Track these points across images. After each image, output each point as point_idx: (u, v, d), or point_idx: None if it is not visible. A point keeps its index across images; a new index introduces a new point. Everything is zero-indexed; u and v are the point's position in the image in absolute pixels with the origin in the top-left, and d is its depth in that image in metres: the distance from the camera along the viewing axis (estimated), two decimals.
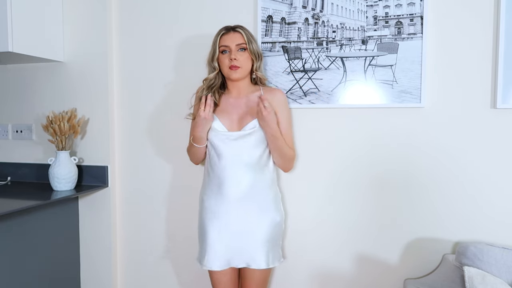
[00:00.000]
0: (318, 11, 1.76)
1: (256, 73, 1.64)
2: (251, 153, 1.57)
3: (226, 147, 1.57)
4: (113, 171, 2.04)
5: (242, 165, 1.56)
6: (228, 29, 1.60)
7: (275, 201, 1.65)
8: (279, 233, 1.66)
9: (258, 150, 1.59)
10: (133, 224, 2.06)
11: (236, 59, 1.55)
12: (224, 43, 1.57)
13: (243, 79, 1.63)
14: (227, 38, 1.58)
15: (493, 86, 1.59)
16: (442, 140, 1.66)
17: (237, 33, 1.58)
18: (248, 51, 1.58)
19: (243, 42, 1.57)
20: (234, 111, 1.61)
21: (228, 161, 1.56)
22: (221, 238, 1.58)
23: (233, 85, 1.65)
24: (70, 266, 2.04)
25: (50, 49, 1.96)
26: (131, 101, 2.02)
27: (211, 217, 1.59)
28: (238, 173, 1.56)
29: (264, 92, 1.64)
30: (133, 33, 2.00)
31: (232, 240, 1.57)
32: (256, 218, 1.58)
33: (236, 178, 1.56)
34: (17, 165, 2.14)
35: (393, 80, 1.68)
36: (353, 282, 1.79)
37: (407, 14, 1.66)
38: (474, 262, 1.44)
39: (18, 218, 1.74)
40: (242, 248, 1.57)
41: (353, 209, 1.77)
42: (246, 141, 1.57)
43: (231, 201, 1.56)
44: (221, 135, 1.58)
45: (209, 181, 1.63)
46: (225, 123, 1.60)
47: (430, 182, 1.68)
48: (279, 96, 1.65)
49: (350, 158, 1.76)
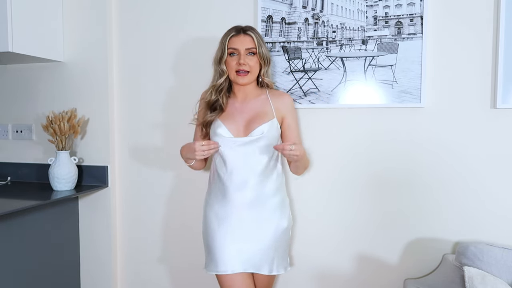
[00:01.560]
0: (318, 11, 1.76)
1: (263, 78, 1.60)
2: (259, 159, 1.53)
3: (232, 153, 1.53)
4: (113, 171, 2.04)
5: (249, 171, 1.53)
6: (239, 30, 1.54)
7: (281, 206, 1.59)
8: (285, 240, 1.60)
9: (266, 156, 1.54)
10: (133, 224, 2.06)
11: (244, 64, 1.51)
12: (234, 46, 1.52)
13: (250, 84, 1.59)
14: (236, 40, 1.52)
15: (493, 86, 1.59)
16: (442, 140, 1.66)
17: (247, 36, 1.53)
18: (258, 56, 1.54)
19: (253, 47, 1.52)
20: (240, 117, 1.57)
21: (235, 167, 1.53)
22: (230, 241, 1.52)
23: (239, 89, 1.61)
24: (70, 266, 2.04)
25: (50, 49, 1.96)
26: (131, 101, 2.02)
27: (217, 223, 1.54)
28: (245, 179, 1.52)
29: (271, 95, 1.60)
30: (133, 33, 2.00)
31: (240, 243, 1.52)
32: (260, 224, 1.53)
33: (242, 184, 1.52)
34: (17, 165, 2.14)
35: (393, 80, 1.68)
36: (353, 282, 1.79)
37: (407, 14, 1.66)
38: (474, 262, 1.44)
39: (18, 218, 1.74)
40: (249, 253, 1.53)
41: (353, 209, 1.77)
42: (253, 147, 1.53)
43: (237, 206, 1.52)
44: (227, 141, 1.54)
45: (215, 186, 1.59)
46: (231, 128, 1.55)
47: (430, 182, 1.68)
48: (286, 100, 1.61)
49: (350, 158, 1.76)
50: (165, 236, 2.02)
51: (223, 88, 1.59)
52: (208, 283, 1.85)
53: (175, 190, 1.99)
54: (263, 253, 1.53)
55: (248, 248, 1.52)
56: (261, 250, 1.53)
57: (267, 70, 1.60)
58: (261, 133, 1.52)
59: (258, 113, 1.56)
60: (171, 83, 1.96)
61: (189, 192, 1.94)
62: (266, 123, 1.53)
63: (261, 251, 1.53)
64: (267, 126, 1.53)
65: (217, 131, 1.55)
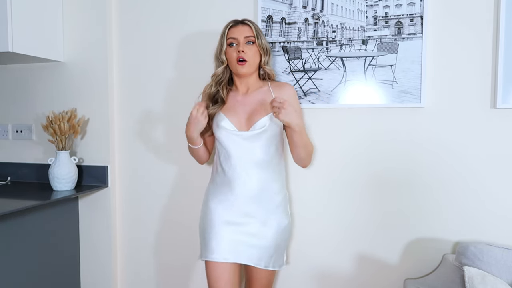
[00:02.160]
0: (318, 11, 1.76)
1: (264, 67, 1.60)
2: (262, 152, 1.54)
3: (236, 147, 1.53)
4: (113, 171, 2.04)
5: (253, 165, 1.53)
6: (237, 22, 1.57)
7: (283, 203, 1.61)
8: (284, 238, 1.61)
9: (270, 150, 1.55)
10: (133, 224, 2.06)
11: (244, 52, 1.52)
12: (232, 35, 1.54)
13: (250, 75, 1.59)
14: (235, 30, 1.55)
15: (493, 86, 1.59)
16: (442, 140, 1.66)
17: (245, 25, 1.55)
18: (257, 45, 1.55)
19: (252, 35, 1.54)
20: (242, 109, 1.57)
21: (238, 161, 1.53)
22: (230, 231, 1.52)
23: (241, 81, 1.61)
24: (70, 266, 2.04)
25: (50, 49, 1.96)
26: (131, 101, 2.02)
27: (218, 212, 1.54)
28: (249, 173, 1.52)
29: (272, 87, 1.60)
30: (133, 33, 2.00)
31: (238, 235, 1.52)
32: (263, 220, 1.54)
33: (246, 178, 1.52)
34: (17, 165, 2.14)
35: (393, 80, 1.68)
36: (353, 282, 1.79)
37: (407, 14, 1.66)
38: (474, 262, 1.44)
39: (18, 218, 1.74)
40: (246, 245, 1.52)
41: (353, 209, 1.77)
42: (257, 140, 1.53)
43: (241, 199, 1.53)
44: (231, 134, 1.54)
45: (219, 179, 1.59)
46: (234, 121, 1.55)
47: (430, 182, 1.68)
48: (287, 89, 1.60)
49: (350, 157, 1.76)
50: (165, 236, 2.02)
51: (223, 80, 1.60)
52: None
53: (175, 190, 1.99)
54: (264, 248, 1.54)
55: (248, 242, 1.52)
56: (261, 245, 1.53)
57: (268, 60, 1.60)
58: (263, 126, 1.52)
59: (259, 105, 1.56)
60: (171, 83, 1.96)
61: (189, 192, 1.94)
62: (267, 115, 1.53)
63: (262, 246, 1.53)
64: (269, 118, 1.53)
65: (220, 124, 1.55)
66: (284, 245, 1.63)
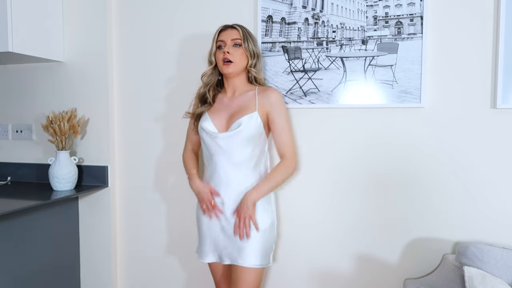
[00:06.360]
0: (318, 11, 1.76)
1: (250, 70, 1.62)
2: (240, 152, 1.56)
3: (216, 147, 1.58)
4: (113, 171, 2.04)
5: (231, 165, 1.57)
6: (227, 26, 1.63)
7: (265, 203, 1.60)
8: (267, 237, 1.58)
9: (247, 150, 1.56)
10: (133, 224, 2.06)
11: (229, 53, 1.57)
12: (221, 38, 1.61)
13: (237, 77, 1.63)
14: (224, 34, 1.61)
15: (493, 86, 1.59)
16: (442, 140, 1.66)
17: (234, 29, 1.61)
18: (243, 48, 1.59)
19: (238, 38, 1.59)
20: (225, 111, 1.61)
21: (218, 160, 1.58)
22: (209, 232, 1.61)
23: (228, 84, 1.65)
24: (70, 266, 2.04)
25: (50, 49, 1.96)
26: (131, 101, 2.02)
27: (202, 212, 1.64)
28: (228, 172, 1.57)
29: (258, 91, 1.61)
30: (133, 33, 2.00)
31: (220, 236, 1.59)
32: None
33: (226, 178, 1.57)
34: (17, 165, 2.14)
35: (393, 80, 1.68)
36: (353, 282, 1.79)
37: (407, 14, 1.66)
38: (474, 262, 1.44)
39: (18, 218, 1.74)
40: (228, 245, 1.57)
41: (353, 209, 1.77)
42: (233, 141, 1.55)
43: (223, 201, 1.58)
44: (211, 135, 1.58)
45: (207, 175, 1.66)
46: (216, 123, 1.60)
47: (430, 182, 1.68)
48: (272, 94, 1.60)
49: (350, 158, 1.76)
50: (165, 236, 2.02)
51: (211, 82, 1.66)
52: (208, 282, 1.85)
53: (175, 190, 1.99)
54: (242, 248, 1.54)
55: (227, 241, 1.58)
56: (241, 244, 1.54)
57: (255, 63, 1.63)
58: (239, 126, 1.54)
59: (241, 108, 1.59)
60: (171, 82, 1.96)
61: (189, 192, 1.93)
62: (243, 116, 1.55)
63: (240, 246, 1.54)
64: (246, 119, 1.55)
65: (202, 124, 1.61)
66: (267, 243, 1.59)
